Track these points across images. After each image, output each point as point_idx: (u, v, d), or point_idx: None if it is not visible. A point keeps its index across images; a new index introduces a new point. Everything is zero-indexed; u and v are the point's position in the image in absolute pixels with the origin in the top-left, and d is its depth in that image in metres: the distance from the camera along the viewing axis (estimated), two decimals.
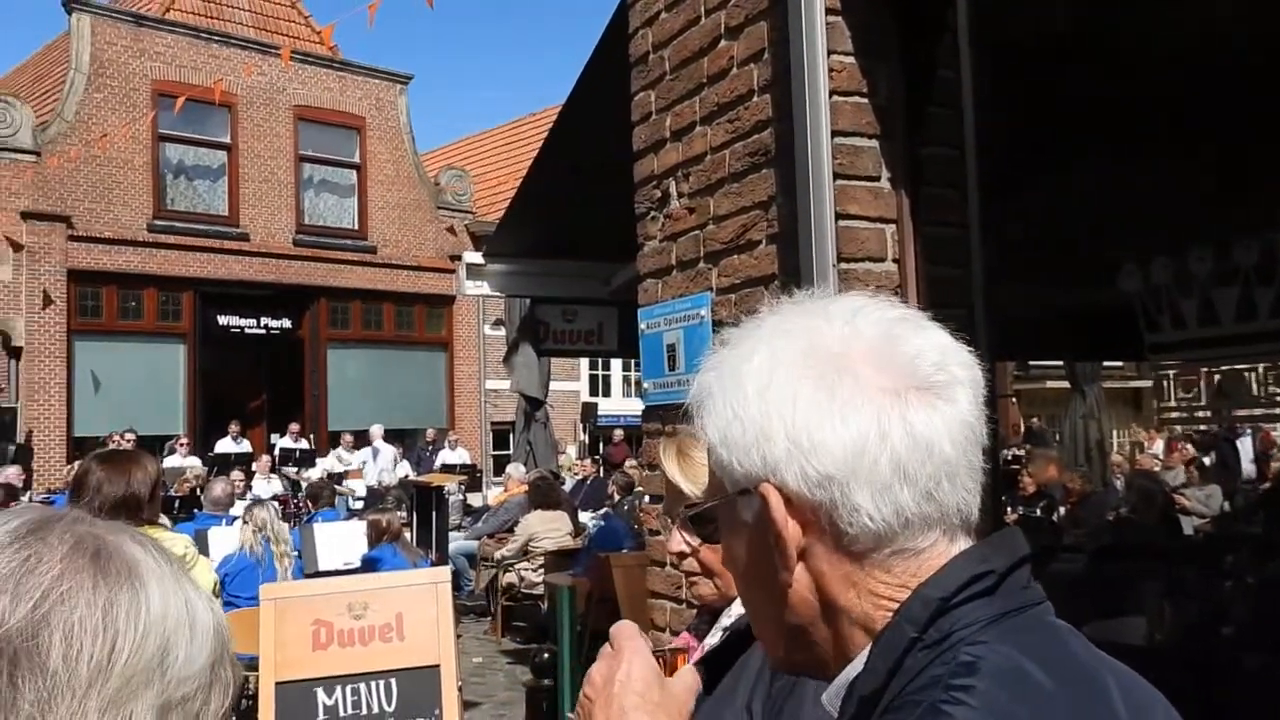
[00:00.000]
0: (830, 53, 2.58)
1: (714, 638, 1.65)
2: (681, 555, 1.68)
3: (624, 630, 0.99)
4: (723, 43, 2.98)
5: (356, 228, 19.91)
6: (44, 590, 0.68)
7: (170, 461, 13.94)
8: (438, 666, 4.03)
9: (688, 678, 0.98)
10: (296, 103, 19.10)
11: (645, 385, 3.38)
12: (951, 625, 0.77)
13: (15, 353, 15.94)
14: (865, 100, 2.63)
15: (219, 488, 8.15)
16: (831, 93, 2.57)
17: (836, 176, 2.56)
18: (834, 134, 2.56)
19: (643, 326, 3.35)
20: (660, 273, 3.29)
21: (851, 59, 2.62)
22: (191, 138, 18.05)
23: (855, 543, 0.80)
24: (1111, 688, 0.77)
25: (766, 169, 2.81)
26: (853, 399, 0.80)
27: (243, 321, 18.79)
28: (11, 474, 12.08)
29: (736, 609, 1.60)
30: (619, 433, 20.81)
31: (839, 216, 2.56)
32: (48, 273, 16.27)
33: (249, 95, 18.30)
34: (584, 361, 23.86)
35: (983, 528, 0.87)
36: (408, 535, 8.17)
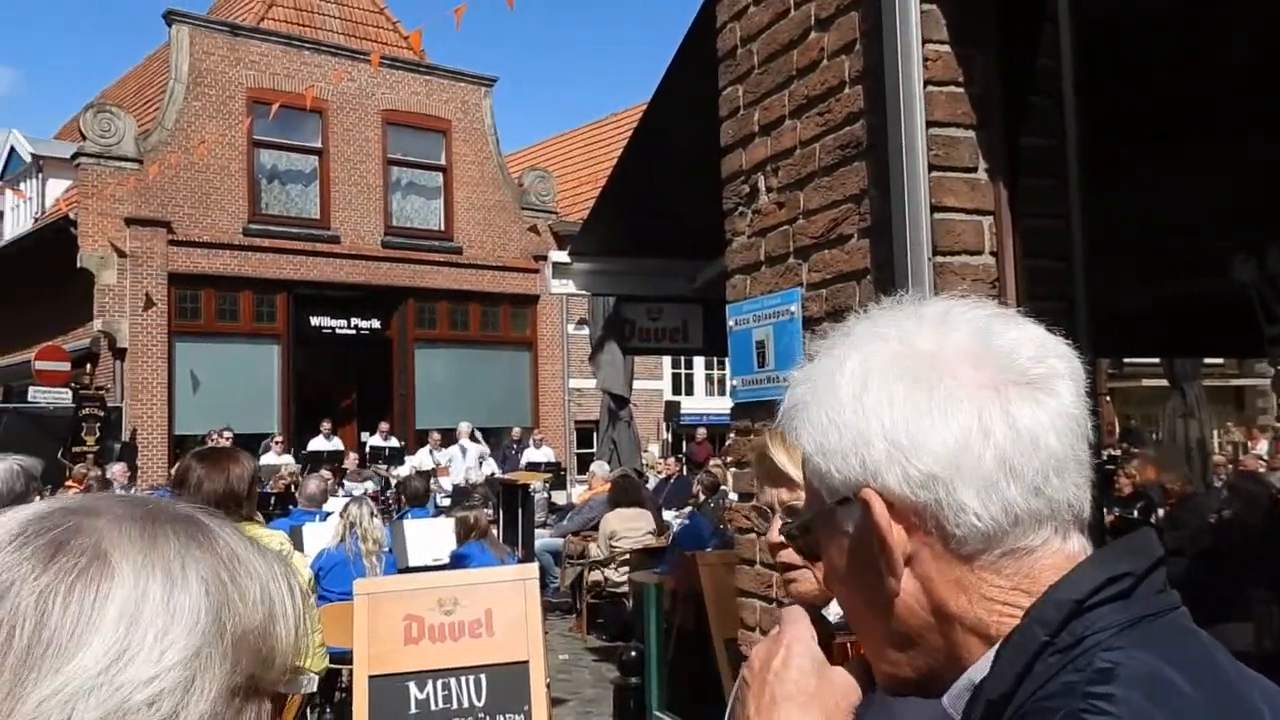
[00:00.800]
0: (925, 42, 2.52)
1: None
2: (781, 545, 1.64)
3: (789, 613, 0.94)
4: (813, 34, 2.94)
5: (443, 229, 20.23)
6: None
7: (266, 459, 14.32)
8: (527, 663, 4.06)
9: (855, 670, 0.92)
10: (384, 107, 19.49)
11: (734, 382, 3.35)
12: (1085, 629, 0.74)
13: (120, 354, 16.57)
14: (961, 90, 2.57)
15: (313, 484, 8.34)
16: (926, 82, 2.52)
17: (932, 168, 2.50)
18: (929, 125, 2.51)
19: (731, 323, 3.32)
20: (749, 269, 3.26)
21: (947, 47, 2.56)
22: (284, 143, 18.56)
23: (964, 545, 0.78)
24: (1257, 699, 0.73)
25: (858, 162, 2.76)
26: (951, 396, 0.78)
27: (333, 322, 19.25)
28: (117, 471, 12.55)
29: (836, 605, 1.56)
30: (702, 431, 20.80)
31: (934, 209, 2.50)
32: (149, 276, 16.87)
33: (339, 100, 18.74)
34: (667, 360, 23.89)
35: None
36: (494, 532, 8.26)
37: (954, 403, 0.78)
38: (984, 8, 2.61)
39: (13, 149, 20.34)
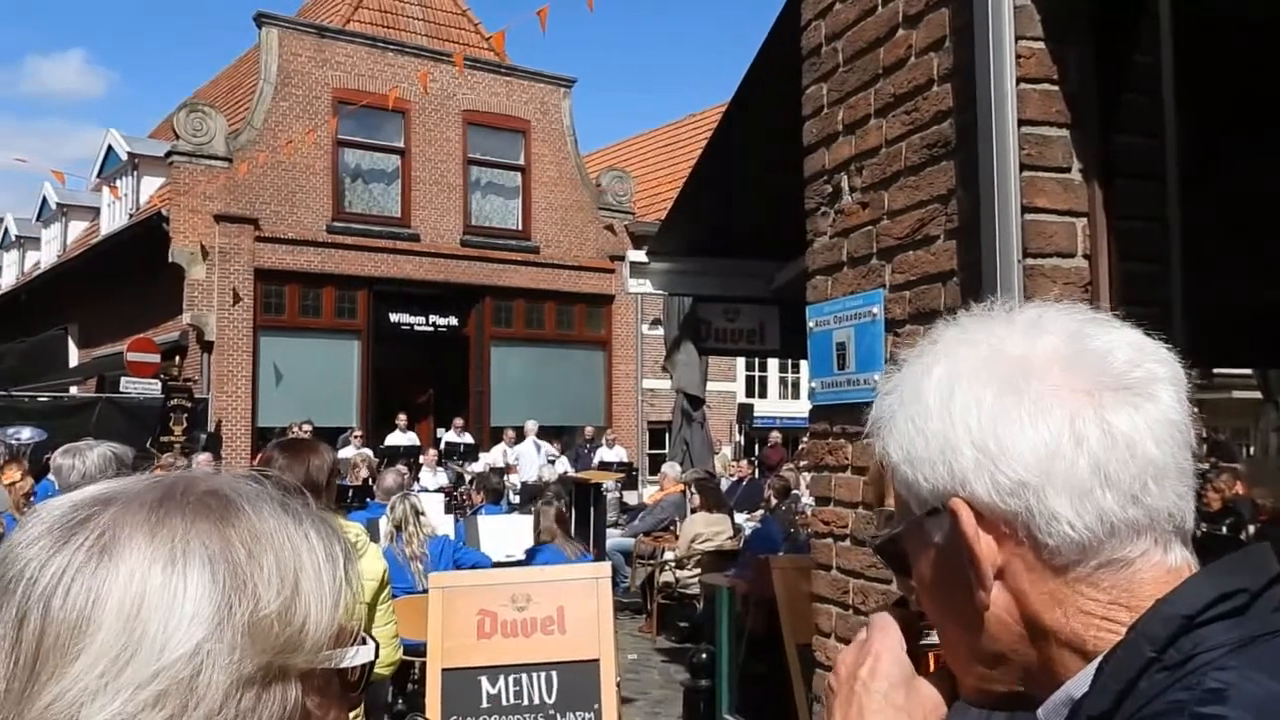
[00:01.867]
0: (1018, 38, 2.45)
1: None
2: None
3: (878, 619, 0.91)
4: (900, 31, 2.89)
5: (520, 228, 20.41)
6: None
7: (344, 452, 14.57)
8: (597, 661, 4.07)
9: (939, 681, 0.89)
10: (465, 107, 19.72)
11: (813, 384, 3.30)
12: (1194, 646, 0.70)
13: (207, 346, 17.04)
14: (1055, 87, 2.50)
15: (390, 478, 8.47)
16: (1019, 80, 2.45)
17: (1023, 168, 2.43)
18: (1021, 123, 2.44)
19: (811, 324, 3.28)
20: (830, 269, 3.21)
21: (1041, 44, 2.49)
22: (368, 143, 18.89)
23: (1056, 555, 0.76)
24: None
25: (946, 161, 2.71)
26: (1041, 400, 0.76)
27: (412, 319, 19.54)
28: (202, 460, 12.88)
29: None
30: (775, 434, 20.65)
31: (1025, 210, 2.43)
32: (237, 272, 17.31)
33: (421, 101, 19.00)
34: (740, 362, 23.80)
35: None
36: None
37: (1044, 407, 0.76)
38: (1080, 2, 2.53)
39: (110, 147, 21.04)
